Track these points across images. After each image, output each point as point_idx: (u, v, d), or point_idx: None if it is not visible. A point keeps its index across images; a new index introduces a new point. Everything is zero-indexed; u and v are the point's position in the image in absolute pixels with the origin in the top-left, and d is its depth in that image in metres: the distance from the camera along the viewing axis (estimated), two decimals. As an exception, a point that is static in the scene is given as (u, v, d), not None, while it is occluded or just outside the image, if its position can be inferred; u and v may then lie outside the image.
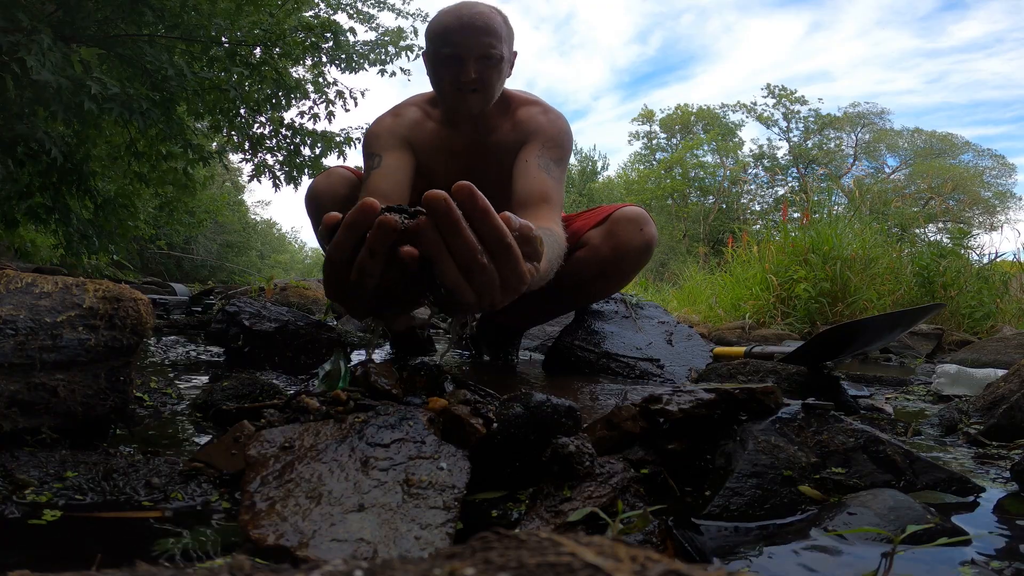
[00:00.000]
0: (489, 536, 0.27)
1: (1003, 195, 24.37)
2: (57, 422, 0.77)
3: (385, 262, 0.65)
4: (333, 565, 0.25)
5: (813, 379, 1.27)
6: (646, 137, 28.82)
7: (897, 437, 1.07)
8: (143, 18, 3.64)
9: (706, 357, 1.96)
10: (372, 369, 0.96)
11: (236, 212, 18.45)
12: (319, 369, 1.06)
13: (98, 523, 0.62)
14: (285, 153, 5.35)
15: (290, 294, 3.41)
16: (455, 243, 0.63)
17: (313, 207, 1.66)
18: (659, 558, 0.24)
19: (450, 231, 0.62)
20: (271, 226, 28.75)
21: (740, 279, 4.71)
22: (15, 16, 2.96)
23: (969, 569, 0.55)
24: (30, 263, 5.88)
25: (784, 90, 26.86)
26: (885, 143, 25.99)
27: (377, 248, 0.64)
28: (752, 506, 0.67)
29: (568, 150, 1.60)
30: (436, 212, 0.62)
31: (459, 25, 1.48)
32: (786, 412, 0.80)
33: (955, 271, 4.19)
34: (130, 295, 0.87)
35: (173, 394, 1.16)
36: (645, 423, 0.80)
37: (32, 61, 2.78)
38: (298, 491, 0.62)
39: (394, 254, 0.64)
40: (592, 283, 1.72)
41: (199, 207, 7.75)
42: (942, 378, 1.57)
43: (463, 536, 0.62)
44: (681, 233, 23.27)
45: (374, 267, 0.65)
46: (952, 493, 0.74)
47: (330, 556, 0.54)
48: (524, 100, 1.64)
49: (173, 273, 13.42)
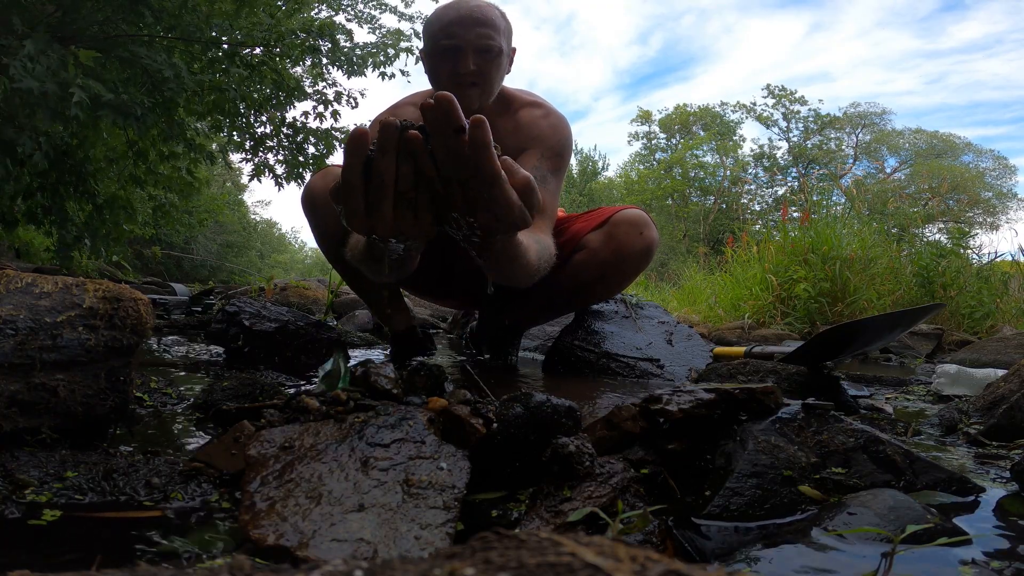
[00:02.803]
0: (489, 536, 0.27)
1: (1003, 195, 24.39)
2: (57, 422, 0.77)
3: (396, 161, 0.72)
4: (333, 565, 0.25)
5: (813, 379, 1.27)
6: (645, 137, 28.84)
7: (897, 437, 1.07)
8: (143, 19, 3.63)
9: (706, 357, 1.96)
10: (372, 369, 0.96)
11: (236, 212, 18.43)
12: (319, 369, 1.06)
13: (98, 523, 0.62)
14: (287, 152, 5.34)
15: (290, 294, 3.41)
16: (451, 140, 0.70)
17: (310, 207, 1.66)
18: (659, 558, 0.24)
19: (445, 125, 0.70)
20: (271, 226, 28.74)
21: (740, 279, 4.71)
22: (9, 20, 2.94)
23: (969, 569, 0.55)
24: (30, 263, 5.88)
25: (784, 90, 26.88)
26: (886, 144, 26.00)
27: (388, 146, 0.71)
28: (752, 506, 0.67)
29: (567, 157, 1.60)
30: (440, 103, 0.68)
31: (458, 17, 1.48)
32: (786, 412, 0.80)
33: (955, 271, 4.19)
34: (130, 295, 0.87)
35: (173, 394, 1.16)
36: (645, 423, 0.80)
37: (16, 67, 2.76)
38: (298, 491, 0.62)
39: (403, 148, 0.71)
40: (592, 286, 1.72)
41: (200, 207, 7.74)
42: (942, 378, 1.57)
43: (463, 536, 0.62)
44: (681, 233, 23.27)
45: (387, 165, 0.72)
46: (952, 493, 0.74)
47: (330, 556, 0.54)
48: (526, 101, 1.63)
49: (173, 273, 13.41)
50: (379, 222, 0.75)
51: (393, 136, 0.71)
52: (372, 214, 0.75)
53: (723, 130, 27.13)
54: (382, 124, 0.71)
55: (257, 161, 5.35)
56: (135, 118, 3.35)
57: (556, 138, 1.57)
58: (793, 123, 27.21)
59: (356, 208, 0.75)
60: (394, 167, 0.72)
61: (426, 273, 1.63)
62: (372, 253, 0.92)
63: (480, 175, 0.72)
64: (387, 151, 0.71)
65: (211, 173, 7.89)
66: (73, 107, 2.91)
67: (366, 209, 0.75)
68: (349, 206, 0.75)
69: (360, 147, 0.72)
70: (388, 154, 0.71)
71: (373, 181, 0.73)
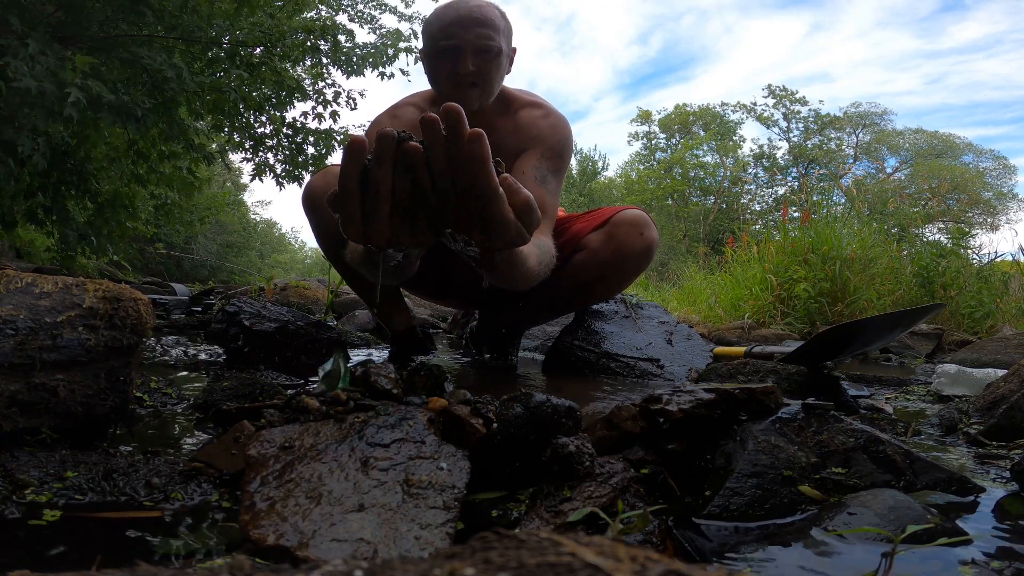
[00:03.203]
0: (489, 536, 0.27)
1: (1003, 195, 24.39)
2: (57, 422, 0.77)
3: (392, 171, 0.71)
4: (333, 565, 0.25)
5: (813, 379, 1.27)
6: (645, 137, 28.85)
7: (897, 437, 1.07)
8: (143, 19, 3.63)
9: (706, 357, 1.96)
10: (372, 369, 0.96)
11: (236, 212, 18.43)
12: (319, 369, 1.06)
13: (98, 523, 0.62)
14: (287, 152, 5.34)
15: (290, 294, 3.41)
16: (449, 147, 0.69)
17: (310, 206, 1.65)
18: (659, 558, 0.24)
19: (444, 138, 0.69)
20: (271, 226, 28.73)
21: (740, 279, 4.71)
22: (7, 20, 2.94)
23: (969, 569, 0.55)
24: (30, 263, 5.88)
25: (785, 90, 26.88)
26: (886, 144, 26.00)
27: (384, 157, 0.70)
28: (752, 506, 0.67)
29: (567, 157, 1.60)
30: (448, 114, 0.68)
31: (457, 17, 1.48)
32: (786, 412, 0.80)
33: (955, 271, 4.19)
34: (130, 295, 0.87)
35: (173, 394, 1.16)
36: (645, 423, 0.80)
37: (17, 66, 2.76)
38: (298, 491, 0.62)
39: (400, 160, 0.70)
40: (592, 286, 1.72)
41: (200, 205, 7.74)
42: (942, 378, 1.57)
43: (463, 536, 0.62)
44: (681, 233, 23.28)
45: (383, 175, 0.71)
46: (952, 493, 0.74)
47: (330, 556, 0.54)
48: (526, 101, 1.63)
49: (173, 273, 13.41)
50: (375, 232, 0.74)
51: (390, 148, 0.70)
52: (368, 224, 0.73)
53: (723, 130, 27.14)
54: (378, 135, 0.70)
55: (258, 161, 5.35)
56: (135, 119, 3.35)
57: (556, 138, 1.56)
58: (793, 123, 27.23)
59: (352, 216, 0.73)
60: (390, 178, 0.71)
61: (426, 274, 1.63)
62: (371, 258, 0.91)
63: (477, 191, 0.71)
64: (384, 162, 0.70)
65: (211, 172, 7.88)
66: (68, 107, 2.91)
67: (362, 218, 0.73)
68: (345, 214, 0.74)
69: (357, 155, 0.71)
70: (385, 165, 0.70)
71: (369, 191, 0.72)
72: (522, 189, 0.75)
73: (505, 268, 0.95)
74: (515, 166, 1.51)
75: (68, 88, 2.91)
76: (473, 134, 0.68)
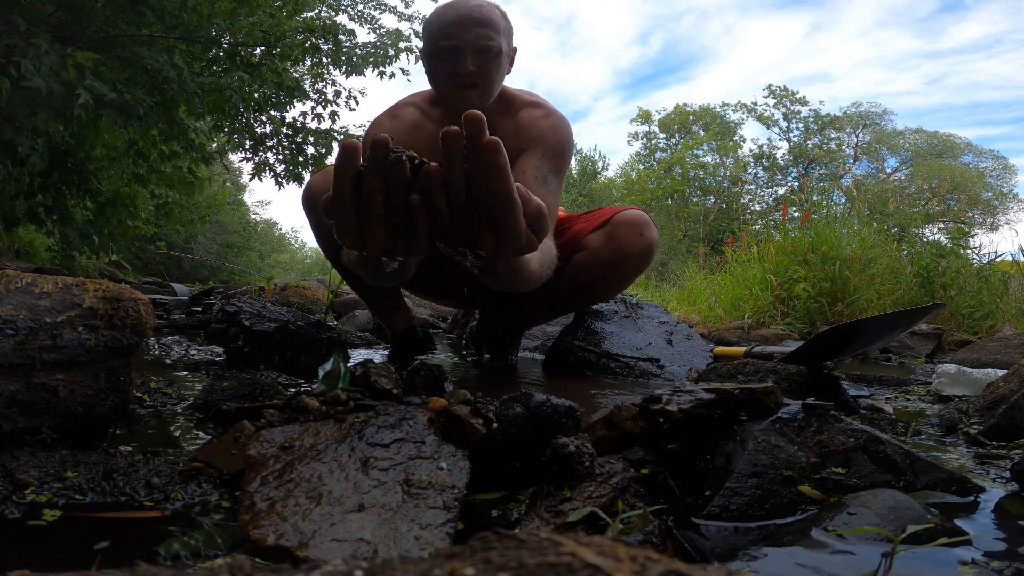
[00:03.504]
0: (489, 536, 0.27)
1: (1003, 196, 24.40)
2: (57, 422, 0.77)
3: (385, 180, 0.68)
4: (333, 565, 0.25)
5: (813, 379, 1.27)
6: (645, 137, 28.86)
7: (897, 437, 1.07)
8: (143, 18, 3.63)
9: (706, 357, 1.96)
10: (372, 369, 0.96)
11: (236, 212, 18.44)
12: (319, 369, 1.06)
13: (98, 523, 0.62)
14: (287, 152, 5.34)
15: (290, 294, 3.41)
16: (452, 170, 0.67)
17: (310, 206, 1.65)
18: (659, 558, 0.24)
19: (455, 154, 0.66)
20: (271, 226, 28.75)
21: (740, 279, 4.71)
22: (12, 19, 2.94)
23: (969, 569, 0.55)
24: (30, 263, 5.88)
25: (785, 90, 26.89)
26: (886, 144, 26.01)
27: (375, 166, 0.67)
28: (752, 506, 0.67)
29: (568, 158, 1.60)
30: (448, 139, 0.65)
31: (457, 17, 1.47)
32: (786, 412, 0.80)
33: (955, 271, 4.19)
34: (130, 295, 0.87)
35: (173, 394, 1.16)
36: (645, 423, 0.80)
37: (27, 66, 2.76)
38: (298, 491, 0.62)
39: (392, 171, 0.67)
40: (592, 286, 1.72)
41: (200, 204, 7.76)
42: (942, 378, 1.57)
43: (463, 536, 0.62)
44: (681, 233, 23.28)
45: (377, 183, 0.68)
46: (952, 493, 0.74)
47: (330, 556, 0.54)
48: (526, 101, 1.63)
49: (173, 273, 13.41)
50: (370, 240, 0.71)
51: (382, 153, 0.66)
52: (363, 231, 0.71)
53: (723, 130, 27.15)
54: (373, 142, 0.66)
55: (257, 160, 5.36)
56: (137, 118, 3.35)
57: (557, 138, 1.56)
58: (793, 123, 27.24)
59: (347, 223, 0.71)
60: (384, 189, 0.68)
61: (426, 274, 1.63)
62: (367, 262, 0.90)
63: (493, 202, 0.67)
64: (377, 172, 0.67)
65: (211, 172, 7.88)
66: (77, 108, 2.91)
67: (356, 226, 0.71)
68: (340, 220, 0.71)
69: (351, 161, 0.68)
70: (378, 174, 0.67)
71: (364, 198, 0.69)
72: (534, 197, 0.72)
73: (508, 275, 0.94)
74: (516, 166, 1.51)
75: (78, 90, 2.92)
76: (491, 143, 0.65)
